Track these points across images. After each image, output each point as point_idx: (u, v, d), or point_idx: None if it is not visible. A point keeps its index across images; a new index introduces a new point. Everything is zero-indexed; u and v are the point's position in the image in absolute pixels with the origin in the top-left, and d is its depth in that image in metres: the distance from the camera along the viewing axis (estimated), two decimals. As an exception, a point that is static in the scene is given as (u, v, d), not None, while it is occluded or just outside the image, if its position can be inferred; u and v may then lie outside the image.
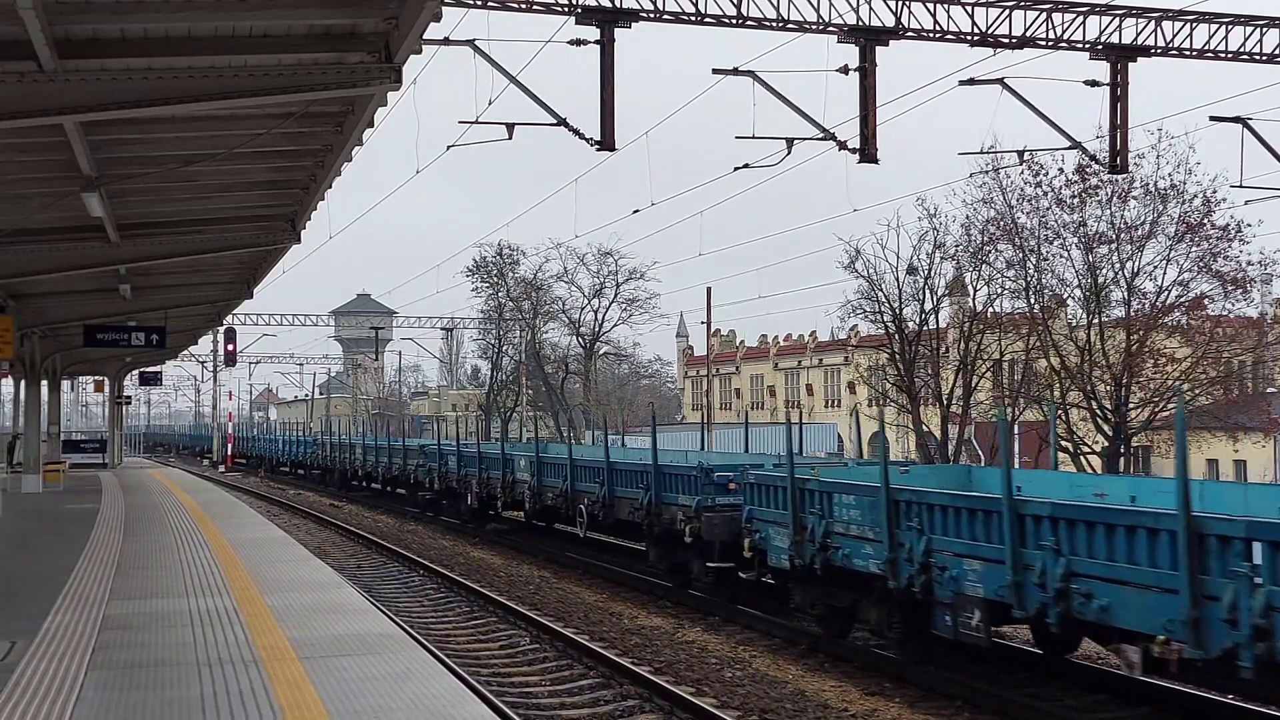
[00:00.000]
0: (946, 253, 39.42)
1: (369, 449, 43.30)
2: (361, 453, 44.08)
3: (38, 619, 11.30)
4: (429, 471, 33.62)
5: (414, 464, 35.81)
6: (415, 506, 36.02)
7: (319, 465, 51.74)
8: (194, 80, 10.92)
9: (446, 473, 31.72)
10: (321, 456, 51.34)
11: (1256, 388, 43.25)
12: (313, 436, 59.43)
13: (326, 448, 50.40)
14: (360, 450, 44.51)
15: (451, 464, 31.29)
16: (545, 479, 24.61)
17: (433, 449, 34.07)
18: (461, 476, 30.38)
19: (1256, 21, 22.11)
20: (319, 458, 51.95)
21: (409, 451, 37.42)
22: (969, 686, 12.59)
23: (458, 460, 30.90)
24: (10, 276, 21.22)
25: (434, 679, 9.01)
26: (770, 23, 19.92)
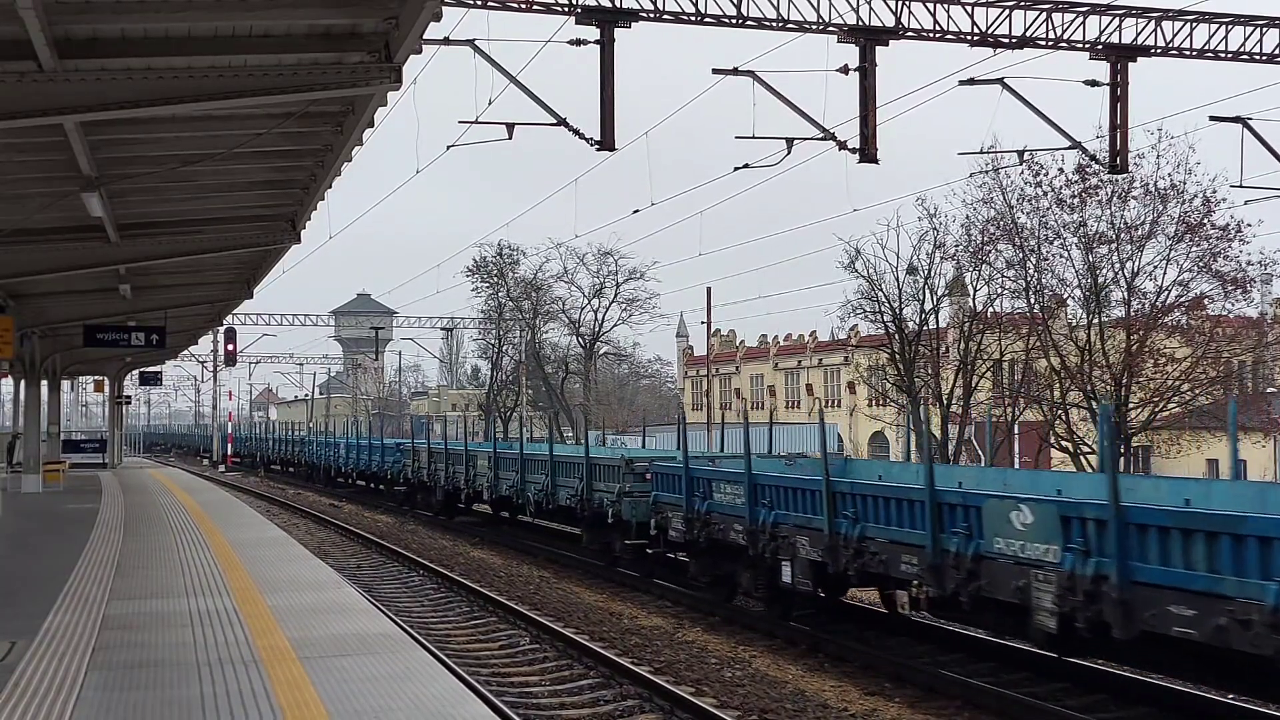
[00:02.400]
0: (946, 253, 39.48)
1: (350, 447, 45.62)
2: (344, 451, 46.42)
3: (38, 619, 11.30)
4: (403, 468, 36.43)
5: (390, 460, 38.66)
6: (392, 500, 38.38)
7: (305, 463, 53.60)
8: (194, 80, 10.92)
9: (419, 469, 34.41)
10: (308, 455, 53.05)
11: (1256, 388, 43.24)
12: (301, 436, 60.53)
13: (313, 446, 52.76)
14: (343, 449, 46.91)
15: (423, 460, 33.99)
16: (502, 473, 27.44)
17: (406, 447, 36.75)
18: (431, 472, 33.20)
19: (1256, 21, 22.11)
20: (304, 456, 53.85)
21: (386, 449, 39.98)
22: (969, 686, 12.60)
23: (428, 457, 33.52)
24: (10, 276, 21.22)
25: (434, 679, 9.00)
26: (770, 23, 19.92)
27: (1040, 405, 38.39)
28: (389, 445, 39.96)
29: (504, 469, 27.02)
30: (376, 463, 40.13)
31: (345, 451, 45.70)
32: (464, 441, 31.87)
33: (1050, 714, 11.56)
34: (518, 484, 25.71)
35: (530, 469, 25.33)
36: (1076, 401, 36.53)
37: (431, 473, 32.56)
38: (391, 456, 37.88)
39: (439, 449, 32.62)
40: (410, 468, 34.72)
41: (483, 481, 28.50)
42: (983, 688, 12.51)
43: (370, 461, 41.21)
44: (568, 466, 23.38)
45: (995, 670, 13.45)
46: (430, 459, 32.86)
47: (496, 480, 27.31)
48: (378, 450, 40.37)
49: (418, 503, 35.02)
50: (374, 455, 40.71)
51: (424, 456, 33.43)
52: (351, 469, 44.76)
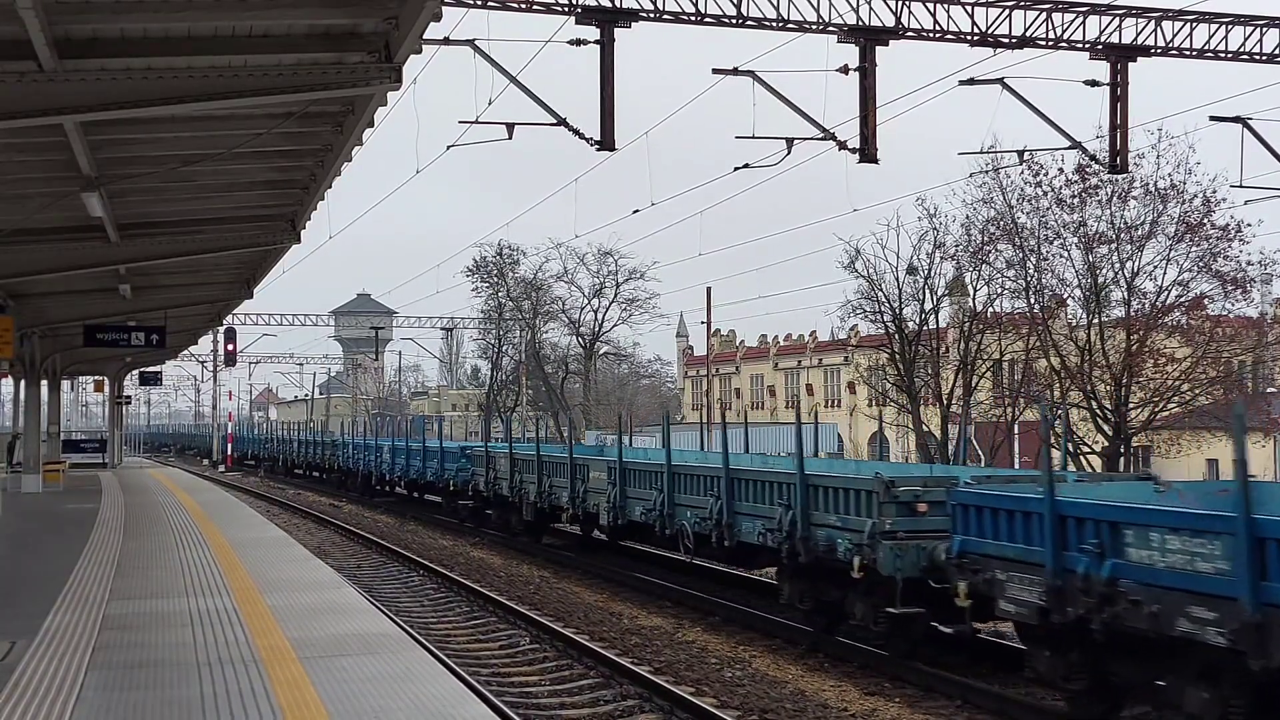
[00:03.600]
0: (946, 253, 39.48)
1: (398, 451, 38.94)
2: (389, 455, 40.09)
3: (38, 619, 11.30)
4: (471, 478, 30.61)
5: (453, 468, 32.97)
6: (452, 516, 32.51)
7: (337, 468, 47.27)
8: (194, 80, 10.92)
9: (495, 480, 28.53)
10: (342, 459, 47.15)
11: (1256, 388, 43.25)
12: (332, 438, 54.29)
13: (348, 449, 46.91)
14: (388, 453, 40.55)
15: (501, 469, 28.08)
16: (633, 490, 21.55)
17: (477, 452, 31.12)
18: (516, 485, 26.96)
19: (1256, 21, 22.12)
20: (337, 460, 47.75)
21: (448, 454, 33.75)
22: (969, 686, 12.60)
23: (511, 465, 27.48)
24: (10, 276, 21.22)
25: (434, 679, 9.00)
26: (770, 23, 19.92)
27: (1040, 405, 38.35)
28: (451, 450, 33.48)
29: (636, 485, 20.44)
30: (434, 470, 33.52)
31: (391, 456, 39.15)
32: (567, 447, 26.05)
33: (1049, 714, 11.56)
34: (661, 507, 19.05)
35: (685, 487, 18.65)
36: (1077, 402, 36.53)
37: (516, 486, 26.11)
38: (455, 463, 31.68)
39: (526, 455, 26.22)
40: (484, 478, 28.49)
41: (598, 501, 21.80)
42: (981, 688, 12.51)
43: (425, 469, 34.51)
44: (759, 487, 16.56)
45: (994, 670, 13.45)
46: (515, 468, 26.31)
47: (622, 500, 20.72)
48: (434, 455, 33.90)
49: (491, 520, 29.08)
50: (430, 461, 34.20)
51: (502, 464, 27.13)
52: (399, 476, 38.33)
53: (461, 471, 30.72)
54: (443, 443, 35.36)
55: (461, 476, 30.61)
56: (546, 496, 24.22)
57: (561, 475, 23.57)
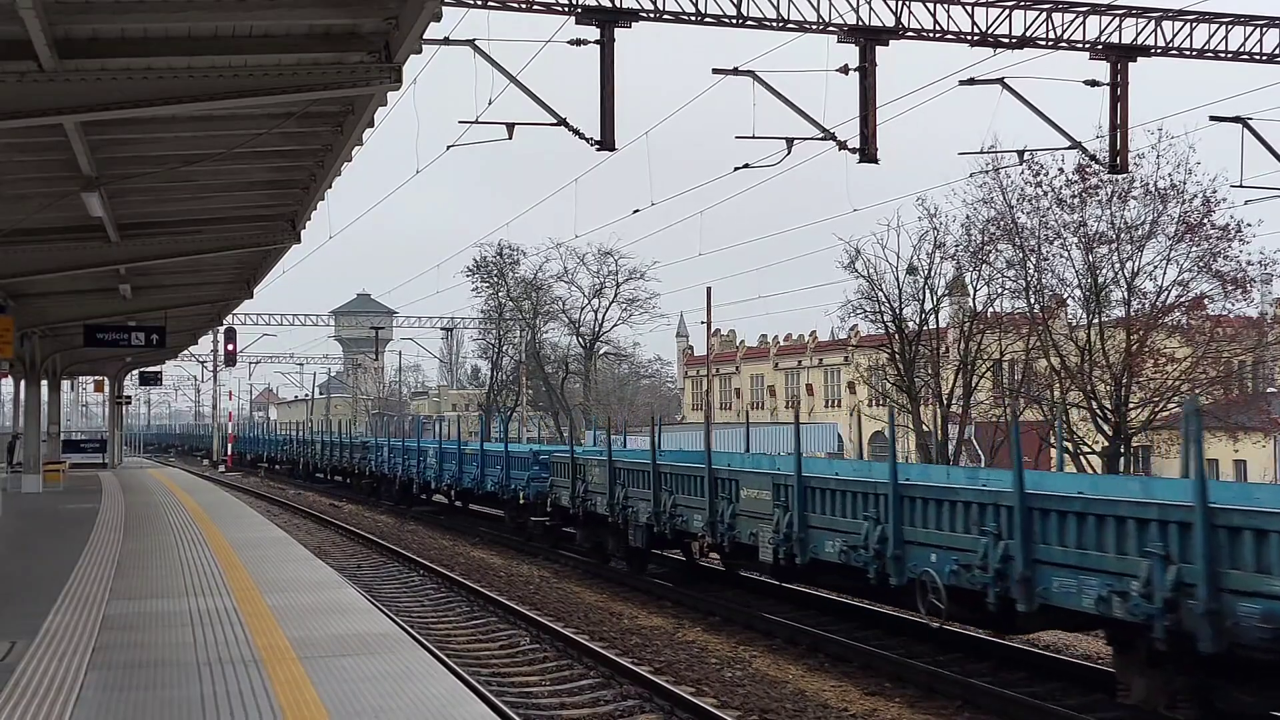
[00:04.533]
0: (946, 253, 39.53)
1: (447, 456, 36.88)
2: (435, 460, 37.77)
3: (38, 619, 11.30)
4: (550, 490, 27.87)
5: (522, 478, 30.40)
6: (515, 532, 29.28)
7: (369, 473, 44.92)
8: (194, 80, 10.92)
9: (586, 493, 25.33)
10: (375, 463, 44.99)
11: (1256, 388, 43.27)
12: (362, 439, 51.70)
13: (383, 452, 44.45)
14: (432, 457, 38.41)
15: (595, 479, 24.76)
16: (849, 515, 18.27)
17: (559, 458, 27.78)
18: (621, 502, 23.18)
19: (1256, 21, 22.13)
20: (368, 465, 45.54)
21: (516, 461, 30.78)
22: (969, 686, 12.60)
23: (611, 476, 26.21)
24: (10, 276, 21.23)
25: (434, 679, 9.00)
26: (770, 23, 19.93)
27: (1040, 405, 38.40)
28: (520, 455, 27.90)
29: (828, 510, 14.46)
30: (495, 479, 28.13)
31: (438, 461, 33.73)
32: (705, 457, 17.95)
33: (1049, 713, 11.56)
34: (878, 544, 13.17)
35: (926, 517, 12.66)
36: (1077, 401, 36.55)
37: (618, 503, 20.23)
38: (524, 471, 26.50)
39: (634, 464, 20.29)
40: (568, 491, 22.60)
41: (756, 529, 15.72)
42: (982, 687, 12.50)
43: (483, 477, 29.06)
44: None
45: (994, 669, 13.45)
46: (616, 481, 20.34)
47: (802, 530, 14.73)
48: (496, 461, 28.39)
49: (576, 542, 23.44)
50: (492, 468, 28.66)
51: (597, 474, 21.33)
52: (448, 484, 33.07)
53: (535, 481, 25.63)
54: (508, 447, 29.00)
55: (535, 488, 25.50)
56: (667, 518, 18.51)
57: (694, 492, 17.79)
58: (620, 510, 20.20)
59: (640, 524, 19.50)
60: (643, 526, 19.39)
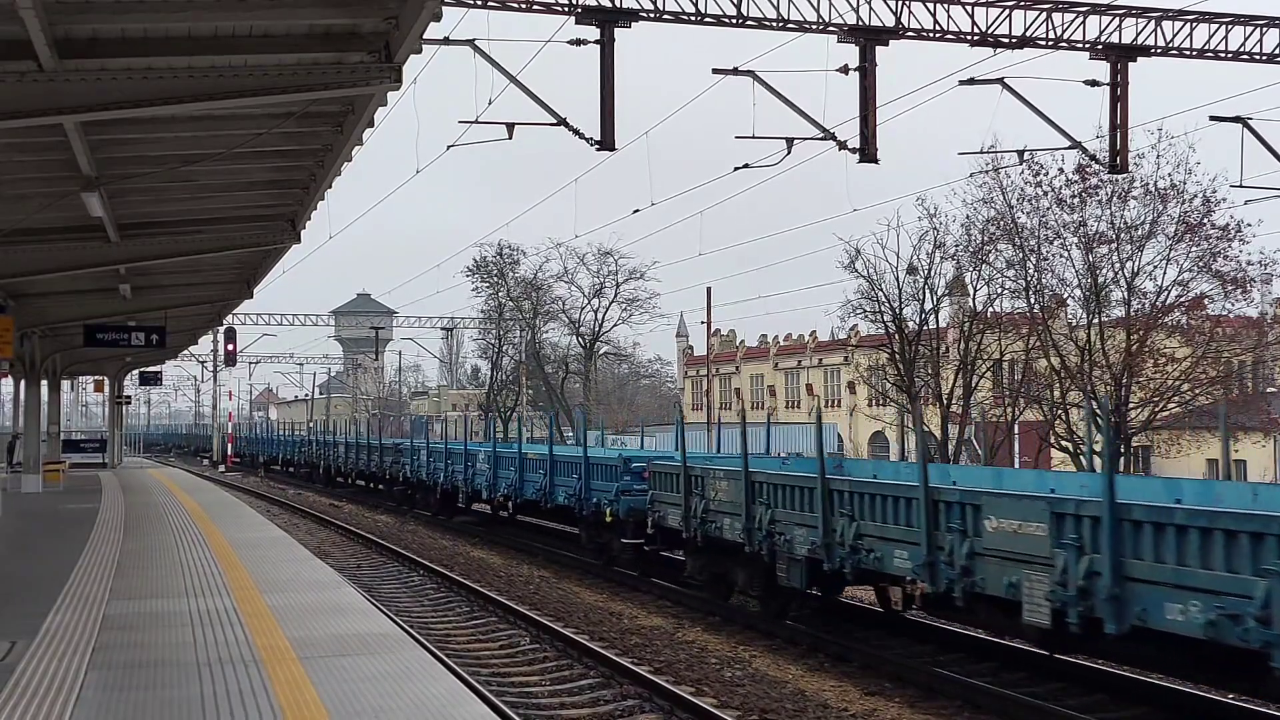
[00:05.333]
0: (946, 253, 39.51)
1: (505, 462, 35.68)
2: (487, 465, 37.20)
3: (38, 619, 11.30)
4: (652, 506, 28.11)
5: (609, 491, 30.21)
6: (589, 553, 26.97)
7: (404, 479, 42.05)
8: (194, 80, 10.93)
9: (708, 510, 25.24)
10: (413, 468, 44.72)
11: (1256, 388, 43.26)
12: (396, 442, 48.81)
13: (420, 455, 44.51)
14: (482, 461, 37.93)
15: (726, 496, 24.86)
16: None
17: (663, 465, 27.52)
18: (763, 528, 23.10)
19: (1256, 21, 22.12)
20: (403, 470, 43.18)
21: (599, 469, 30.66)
22: (969, 686, 12.60)
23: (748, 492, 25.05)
24: (10, 276, 21.23)
25: (434, 679, 9.00)
26: (770, 23, 19.92)
27: (1040, 405, 38.40)
28: (604, 461, 22.74)
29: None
30: (568, 490, 23.40)
31: (491, 467, 28.97)
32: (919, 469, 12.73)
33: (1050, 714, 11.56)
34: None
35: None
36: (1077, 401, 36.54)
37: (758, 528, 15.62)
38: (610, 481, 21.55)
39: (795, 476, 15.81)
40: (679, 510, 17.96)
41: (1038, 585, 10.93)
42: (983, 688, 12.50)
43: (552, 487, 24.27)
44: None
45: (995, 670, 13.45)
46: (755, 498, 15.84)
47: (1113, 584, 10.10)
48: (570, 469, 23.68)
49: (689, 573, 18.65)
50: (563, 477, 24.00)
51: (724, 489, 16.86)
52: (504, 495, 28.35)
53: (627, 495, 20.84)
54: (587, 452, 23.50)
55: (627, 502, 20.73)
56: (846, 554, 13.68)
57: (894, 519, 13.09)
58: (764, 538, 15.48)
59: (797, 557, 14.83)
60: (800, 560, 14.75)
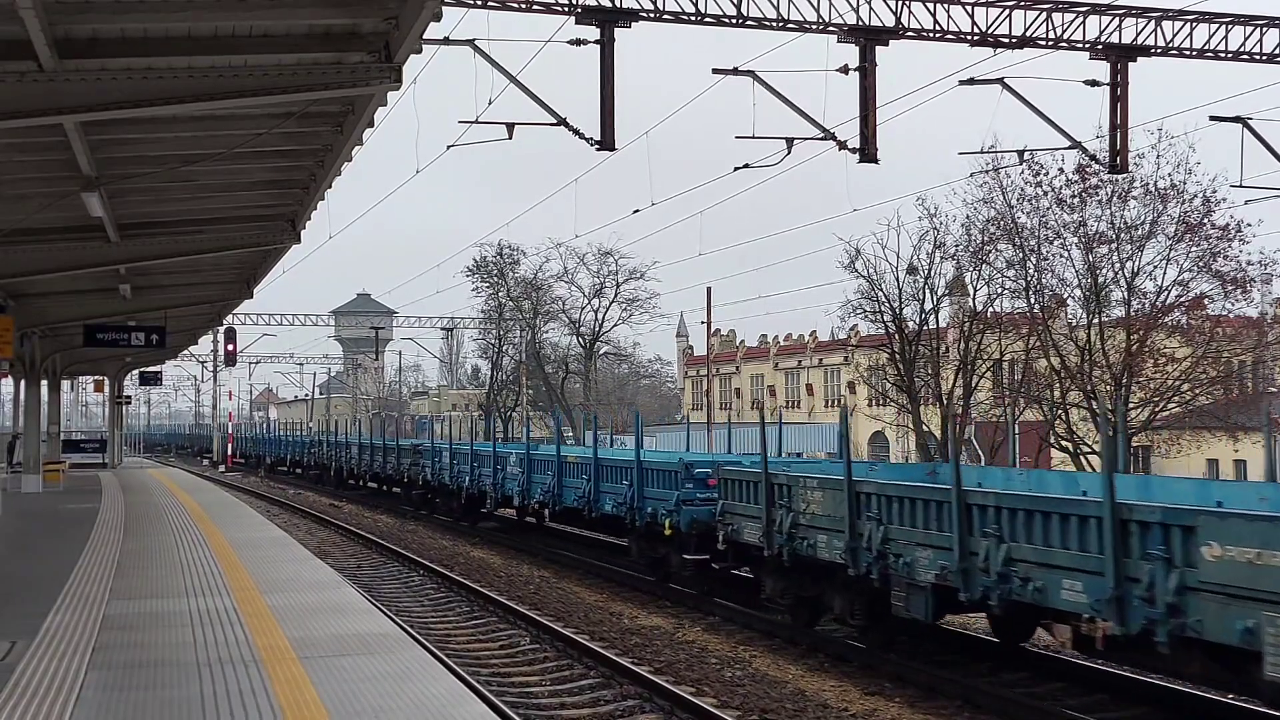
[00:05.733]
0: (946, 252, 39.47)
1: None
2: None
3: (38, 619, 11.30)
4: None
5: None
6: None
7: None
8: (194, 80, 10.93)
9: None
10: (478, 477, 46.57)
11: (1256, 388, 43.25)
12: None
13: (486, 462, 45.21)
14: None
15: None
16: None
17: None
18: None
19: (1256, 21, 22.11)
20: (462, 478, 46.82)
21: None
22: (969, 686, 12.59)
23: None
24: (10, 276, 21.23)
25: (434, 679, 9.00)
26: (770, 23, 19.91)
27: (1040, 405, 38.40)
28: (660, 466, 19.35)
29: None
30: (617, 498, 20.26)
31: (524, 470, 25.47)
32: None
33: (1050, 714, 11.56)
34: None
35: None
36: (1077, 401, 36.54)
37: (875, 549, 13.13)
38: (671, 489, 18.47)
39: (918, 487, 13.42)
40: (757, 524, 15.42)
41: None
42: (983, 688, 12.50)
43: (597, 495, 21.02)
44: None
45: (995, 671, 13.45)
46: (867, 512, 13.36)
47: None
48: (618, 474, 20.46)
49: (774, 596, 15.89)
50: (612, 483, 20.73)
51: (821, 501, 14.26)
52: (540, 501, 24.71)
53: (689, 505, 17.99)
54: (641, 455, 20.10)
55: (689, 513, 17.91)
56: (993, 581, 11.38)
57: (1061, 542, 10.66)
58: (874, 560, 13.13)
59: (919, 583, 12.55)
60: (924, 588, 12.63)
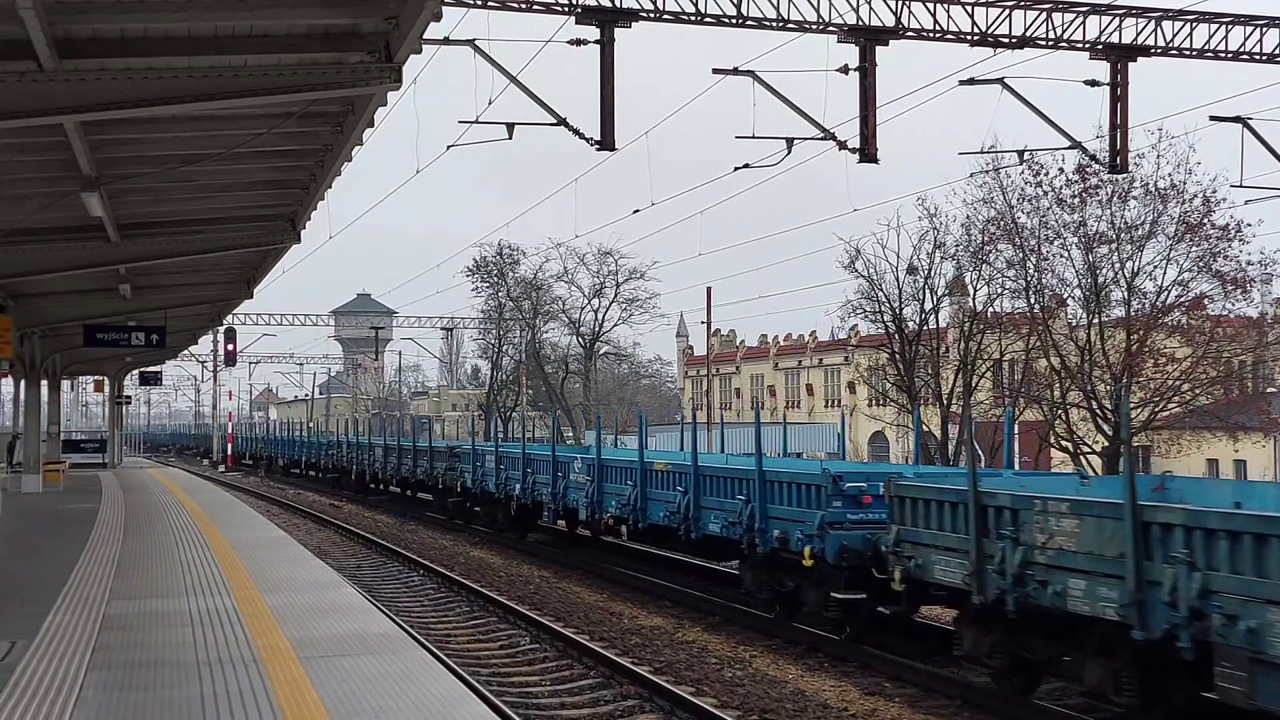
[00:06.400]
0: (946, 253, 39.54)
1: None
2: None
3: (38, 619, 11.30)
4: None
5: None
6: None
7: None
8: (194, 80, 10.93)
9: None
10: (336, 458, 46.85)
11: (1256, 388, 43.28)
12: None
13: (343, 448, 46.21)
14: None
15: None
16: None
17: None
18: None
19: (1256, 21, 22.10)
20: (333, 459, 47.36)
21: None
22: (969, 686, 12.59)
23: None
24: (10, 276, 21.23)
25: (434, 679, 9.00)
26: (770, 23, 19.91)
27: (1040, 405, 38.41)
28: (800, 478, 15.60)
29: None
30: (728, 517, 16.68)
31: (594, 479, 21.61)
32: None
33: (1050, 714, 11.56)
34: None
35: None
36: (1077, 401, 36.55)
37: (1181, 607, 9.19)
38: (812, 510, 14.76)
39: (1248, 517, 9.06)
40: (960, 563, 11.86)
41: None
42: (982, 688, 12.50)
43: (696, 510, 17.73)
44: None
45: (995, 670, 13.44)
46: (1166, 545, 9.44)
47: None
48: (731, 486, 16.93)
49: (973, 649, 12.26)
50: (715, 497, 17.37)
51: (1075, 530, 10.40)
52: (613, 515, 20.90)
53: (837, 529, 14.28)
54: (763, 464, 16.25)
55: (838, 539, 14.19)
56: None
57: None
58: (1185, 621, 9.28)
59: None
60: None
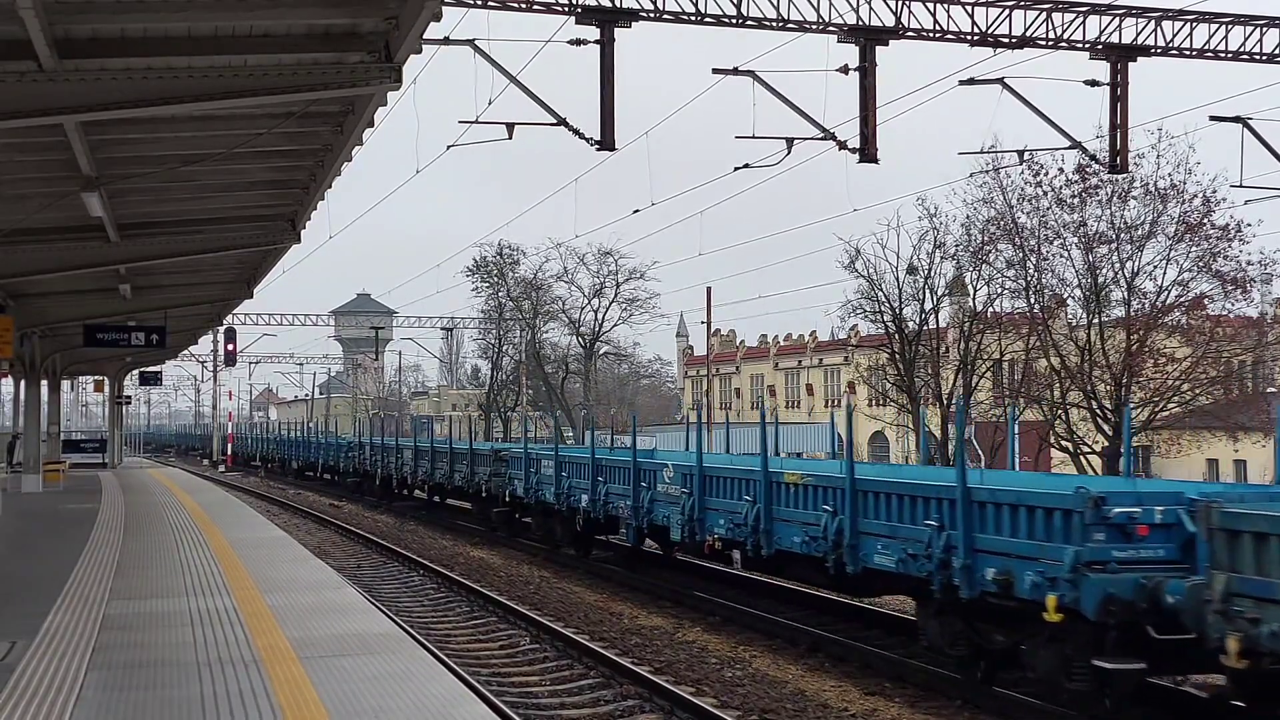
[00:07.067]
0: (946, 252, 39.57)
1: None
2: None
3: (38, 619, 11.30)
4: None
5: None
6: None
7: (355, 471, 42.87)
8: (194, 80, 10.93)
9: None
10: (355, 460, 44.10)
11: (1256, 388, 43.29)
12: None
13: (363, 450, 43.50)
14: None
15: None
16: None
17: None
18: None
19: (1256, 21, 22.10)
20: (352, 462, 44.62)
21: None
22: (969, 686, 12.59)
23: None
24: (10, 276, 21.23)
25: (434, 679, 9.00)
26: (770, 23, 19.90)
27: (1040, 405, 38.42)
28: (1036, 499, 10.97)
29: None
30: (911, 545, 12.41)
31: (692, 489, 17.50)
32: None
33: (1050, 714, 11.56)
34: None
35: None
36: (1077, 401, 36.56)
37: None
38: (1063, 544, 10.33)
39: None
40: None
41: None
42: (983, 688, 12.49)
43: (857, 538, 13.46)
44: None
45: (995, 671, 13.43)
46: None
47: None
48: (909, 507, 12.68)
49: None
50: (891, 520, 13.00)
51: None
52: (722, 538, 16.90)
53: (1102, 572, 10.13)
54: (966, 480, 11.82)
55: (1101, 584, 10.05)
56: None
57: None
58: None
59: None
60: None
